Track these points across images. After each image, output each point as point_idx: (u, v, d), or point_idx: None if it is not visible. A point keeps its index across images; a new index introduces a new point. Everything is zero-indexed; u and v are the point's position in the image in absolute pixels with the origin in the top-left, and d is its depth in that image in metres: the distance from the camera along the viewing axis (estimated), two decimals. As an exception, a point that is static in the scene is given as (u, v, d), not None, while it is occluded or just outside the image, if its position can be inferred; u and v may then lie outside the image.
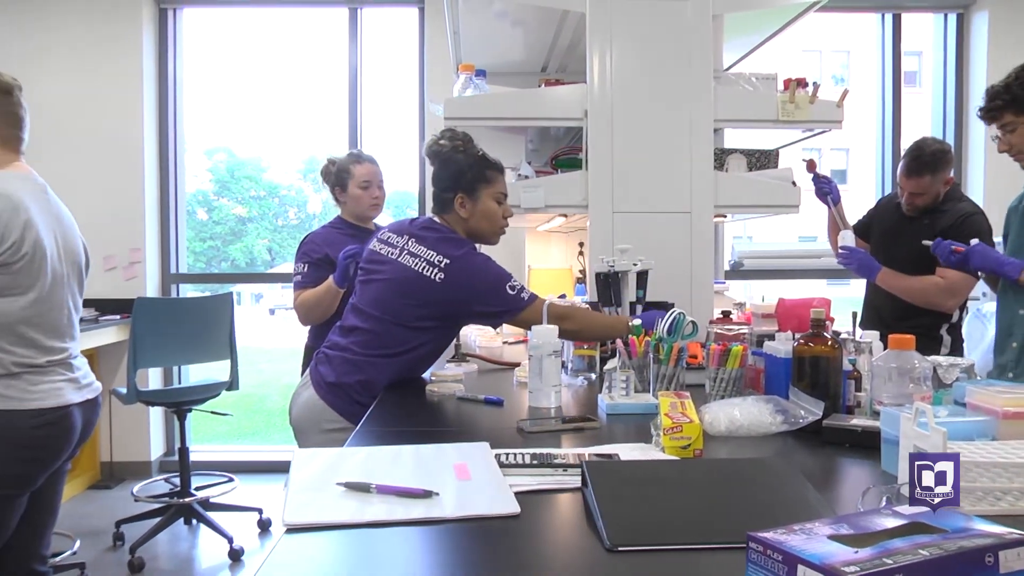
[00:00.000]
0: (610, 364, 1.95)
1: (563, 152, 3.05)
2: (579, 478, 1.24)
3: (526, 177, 2.89)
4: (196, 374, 5.56)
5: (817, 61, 19.58)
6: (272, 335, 13.50)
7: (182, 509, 4.20)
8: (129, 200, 5.22)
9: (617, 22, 2.69)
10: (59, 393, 2.12)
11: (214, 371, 4.70)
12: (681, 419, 1.46)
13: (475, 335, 3.07)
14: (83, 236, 2.36)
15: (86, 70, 5.19)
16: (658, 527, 1.06)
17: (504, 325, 2.47)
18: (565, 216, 3.31)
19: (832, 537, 0.76)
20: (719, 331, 2.14)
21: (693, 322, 2.01)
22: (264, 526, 4.28)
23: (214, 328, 4.13)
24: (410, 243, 2.23)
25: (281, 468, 5.27)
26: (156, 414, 5.35)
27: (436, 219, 2.32)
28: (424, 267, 2.17)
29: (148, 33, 5.28)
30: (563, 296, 3.00)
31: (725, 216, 3.15)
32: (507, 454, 1.38)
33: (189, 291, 5.78)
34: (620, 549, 0.99)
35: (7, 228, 1.97)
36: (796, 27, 3.16)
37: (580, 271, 4.23)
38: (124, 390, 3.95)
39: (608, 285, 2.39)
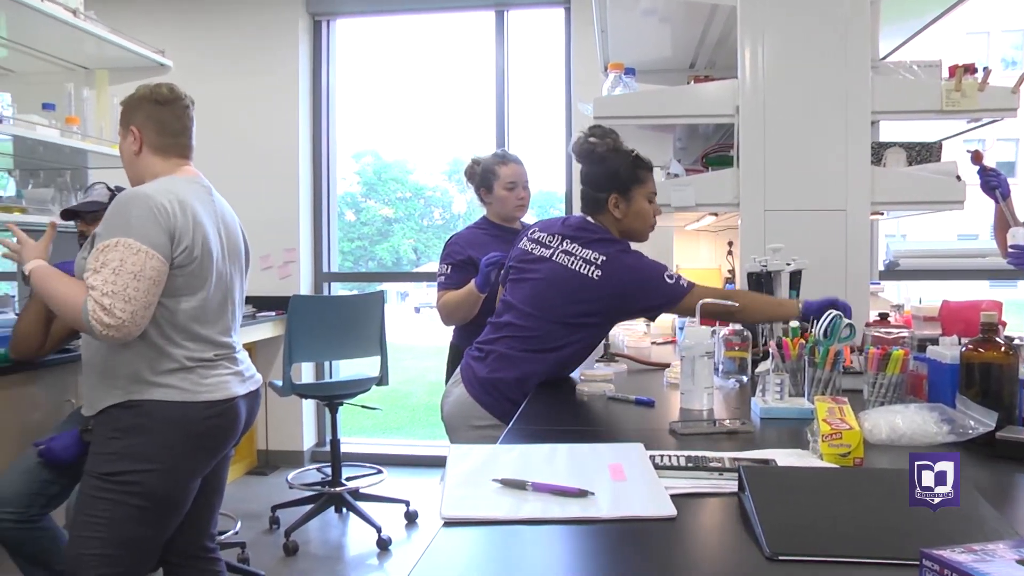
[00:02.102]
0: (762, 367, 1.90)
1: (714, 149, 2.99)
2: (735, 482, 1.22)
3: (676, 176, 2.85)
4: (345, 369, 5.78)
5: (984, 43, 18.30)
6: (417, 332, 13.84)
7: (333, 498, 4.36)
8: (285, 203, 5.48)
9: (769, 14, 2.62)
10: (226, 386, 2.24)
11: (363, 366, 4.87)
12: (840, 425, 1.41)
13: (623, 335, 3.05)
14: (245, 235, 2.49)
15: (246, 81, 5.48)
16: (820, 536, 1.02)
17: (652, 325, 2.46)
18: (715, 215, 3.24)
19: (1021, 562, 0.72)
20: (877, 334, 2.04)
21: (851, 324, 1.93)
22: (411, 518, 4.39)
23: (365, 325, 4.27)
24: (564, 243, 2.25)
25: (426, 462, 5.42)
26: (308, 406, 5.58)
27: (589, 219, 2.32)
28: (581, 265, 2.19)
29: (303, 44, 5.53)
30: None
31: (882, 213, 3.01)
32: (661, 456, 1.37)
33: (339, 289, 6.01)
34: (780, 558, 0.96)
35: (182, 232, 2.09)
36: (962, 8, 2.98)
37: (729, 271, 4.14)
38: (280, 383, 4.14)
39: (760, 285, 2.33)
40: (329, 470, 4.49)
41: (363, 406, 4.60)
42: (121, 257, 1.98)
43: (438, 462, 5.18)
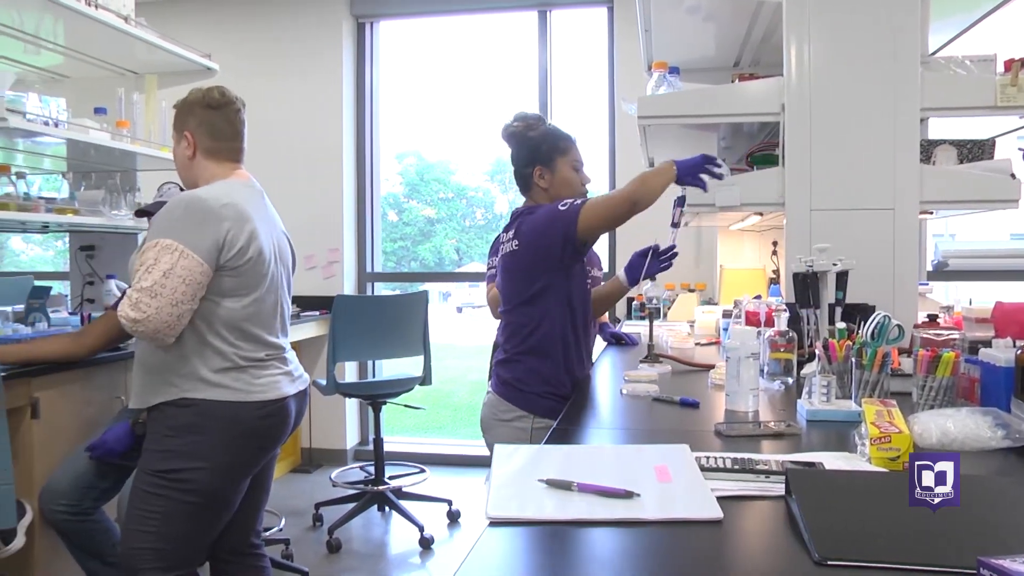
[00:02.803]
0: (808, 368, 1.88)
1: (758, 148, 2.96)
2: (782, 485, 1.20)
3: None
4: (388, 369, 5.82)
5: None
6: (459, 332, 13.88)
7: (376, 496, 4.40)
8: (329, 203, 5.54)
9: (815, 9, 2.58)
10: (277, 386, 2.27)
11: (405, 366, 4.90)
12: (889, 429, 1.38)
13: (667, 336, 3.03)
14: (289, 237, 2.53)
15: (291, 83, 5.56)
16: (870, 542, 1.01)
17: (696, 326, 2.44)
18: (760, 214, 3.21)
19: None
20: (927, 336, 2.01)
21: (899, 326, 1.90)
22: (453, 517, 4.41)
23: (408, 325, 4.29)
24: (504, 236, 2.43)
25: (468, 462, 5.45)
26: (352, 405, 5.64)
27: (522, 205, 2.47)
28: (508, 248, 2.38)
29: (347, 46, 5.58)
30: (758, 297, 2.91)
31: (931, 213, 2.96)
32: (707, 457, 1.36)
33: (381, 289, 6.05)
34: (829, 563, 0.95)
35: (236, 235, 2.13)
36: (1018, 0, 2.90)
37: (774, 271, 4.10)
38: (324, 382, 4.18)
39: (806, 286, 2.30)
40: (372, 469, 4.53)
41: (406, 405, 4.63)
42: (156, 256, 2.04)
43: (480, 462, 5.23)
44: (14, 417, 2.42)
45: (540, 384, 2.32)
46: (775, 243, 4.14)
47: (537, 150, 2.44)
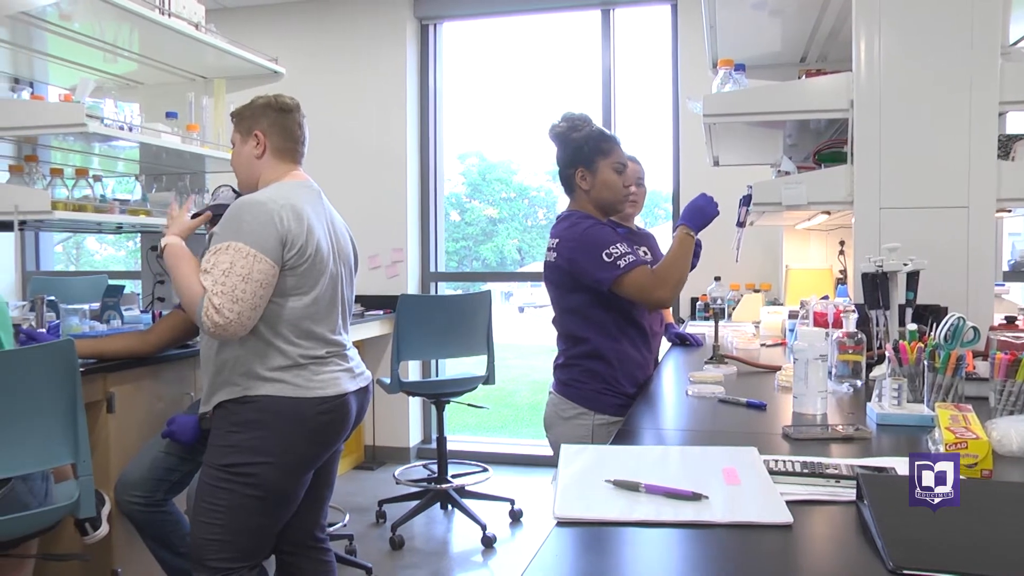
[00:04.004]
0: (877, 371, 1.84)
1: (826, 145, 2.90)
2: (853, 490, 1.18)
3: (786, 173, 2.78)
4: (451, 368, 5.86)
5: None
6: (521, 332, 13.91)
7: (439, 494, 4.43)
8: (393, 203, 5.60)
9: (887, 1, 2.52)
10: (337, 382, 2.31)
11: (468, 365, 4.92)
12: (966, 435, 1.34)
13: (732, 337, 3.00)
14: (352, 235, 2.56)
15: (356, 85, 5.63)
16: (946, 551, 0.98)
17: (761, 328, 2.41)
18: (828, 213, 3.15)
19: None
20: (1004, 339, 1.94)
21: (974, 328, 1.84)
22: (515, 517, 4.41)
23: (472, 324, 4.31)
24: (549, 242, 2.44)
25: (530, 462, 5.45)
26: (415, 404, 5.68)
27: (565, 209, 2.48)
28: (550, 255, 2.40)
29: (411, 48, 5.63)
30: (825, 297, 2.86)
31: (1009, 211, 2.87)
32: (776, 460, 1.34)
33: (444, 289, 6.09)
34: (904, 572, 0.92)
35: (294, 235, 2.18)
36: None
37: (840, 271, 4.02)
38: (388, 380, 4.23)
39: (876, 286, 2.25)
40: (435, 467, 4.56)
41: (469, 404, 4.65)
42: (231, 260, 2.08)
43: (542, 462, 5.23)
44: (91, 411, 2.50)
45: (598, 382, 2.35)
46: (842, 242, 4.06)
47: (580, 151, 2.43)
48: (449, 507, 4.52)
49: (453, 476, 4.61)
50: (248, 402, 2.19)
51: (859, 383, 2.17)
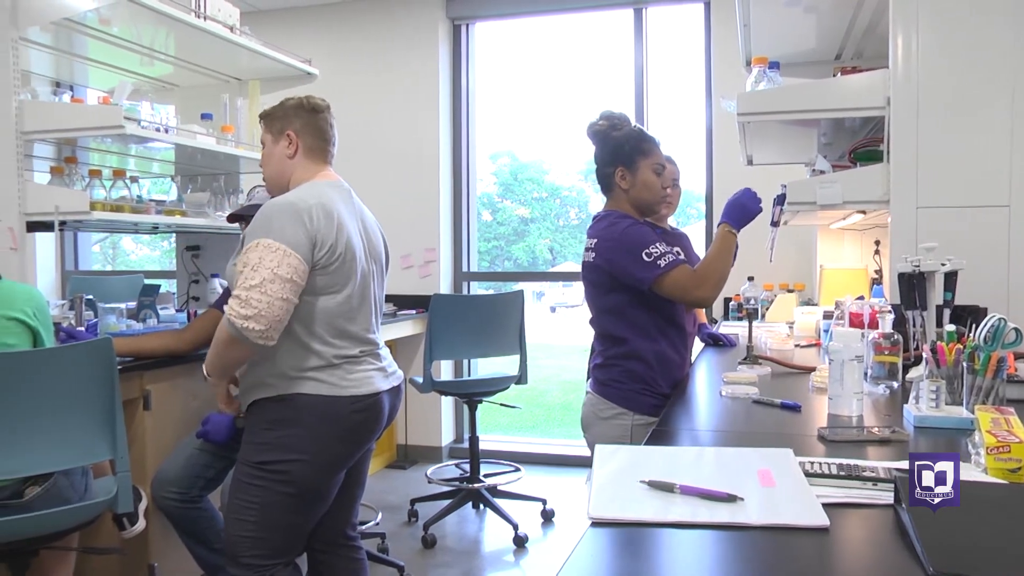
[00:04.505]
0: (914, 372, 1.81)
1: (862, 144, 2.87)
2: (891, 494, 1.16)
3: (821, 172, 2.75)
4: (483, 367, 5.86)
5: None
6: (553, 332, 13.91)
7: (471, 494, 4.44)
8: (425, 203, 5.62)
9: (925, -4, 2.49)
10: (370, 381, 2.32)
11: (500, 365, 4.92)
12: (1008, 438, 1.32)
13: (766, 337, 2.97)
14: (384, 234, 2.57)
15: (389, 85, 5.65)
16: (988, 557, 0.96)
17: (796, 327, 2.39)
18: (863, 212, 3.11)
19: None
20: (1046, 339, 1.91)
21: (1016, 329, 1.81)
22: (547, 517, 4.40)
23: (505, 324, 4.31)
24: (586, 242, 2.45)
25: (563, 462, 5.44)
26: (447, 403, 5.70)
27: (602, 209, 2.49)
28: (587, 255, 2.40)
29: (443, 48, 5.65)
30: (860, 298, 2.82)
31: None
32: (812, 462, 1.32)
33: (476, 288, 6.10)
34: (944, 576, 0.92)
35: (325, 234, 2.19)
36: None
37: (876, 271, 3.97)
38: (420, 379, 4.24)
39: (912, 287, 2.21)
40: (467, 466, 4.56)
41: (502, 404, 4.66)
42: (260, 255, 2.09)
43: (574, 461, 5.23)
44: (128, 409, 2.54)
45: (637, 382, 2.35)
46: (877, 242, 4.01)
47: (620, 150, 2.42)
48: (481, 506, 4.52)
49: (485, 475, 4.61)
50: (282, 400, 2.20)
51: (895, 385, 2.14)
